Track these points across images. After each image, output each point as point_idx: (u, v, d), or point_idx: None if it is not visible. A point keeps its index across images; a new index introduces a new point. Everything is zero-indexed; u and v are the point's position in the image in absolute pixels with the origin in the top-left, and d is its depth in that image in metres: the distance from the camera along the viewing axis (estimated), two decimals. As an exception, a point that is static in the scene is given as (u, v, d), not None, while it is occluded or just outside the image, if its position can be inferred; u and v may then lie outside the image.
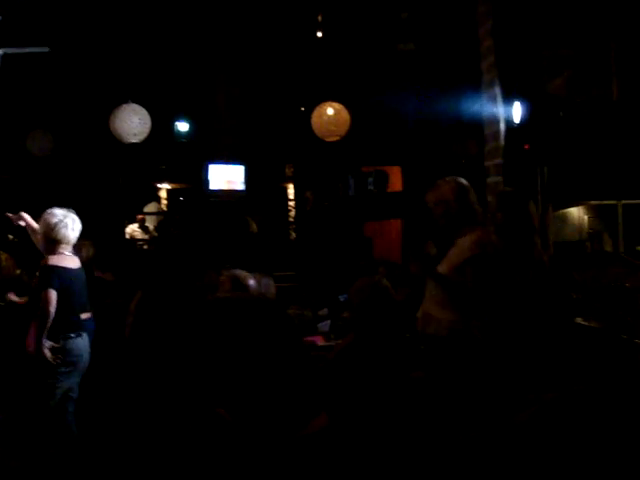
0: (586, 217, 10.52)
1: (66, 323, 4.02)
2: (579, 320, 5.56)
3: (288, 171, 11.00)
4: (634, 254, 8.33)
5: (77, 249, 4.35)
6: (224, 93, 9.57)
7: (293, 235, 10.34)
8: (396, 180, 9.52)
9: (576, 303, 5.82)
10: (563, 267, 6.39)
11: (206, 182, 9.04)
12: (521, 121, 5.50)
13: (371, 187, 8.86)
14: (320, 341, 5.00)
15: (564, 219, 10.09)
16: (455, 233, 3.62)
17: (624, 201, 8.65)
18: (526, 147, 5.62)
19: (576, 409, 3.41)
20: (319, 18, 8.33)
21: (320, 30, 8.39)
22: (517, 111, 5.60)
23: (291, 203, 10.84)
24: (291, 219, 10.65)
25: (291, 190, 11.14)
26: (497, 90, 5.72)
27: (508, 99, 5.51)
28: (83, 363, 4.14)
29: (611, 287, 6.30)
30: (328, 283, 6.45)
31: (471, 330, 3.44)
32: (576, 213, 10.55)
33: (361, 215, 8.95)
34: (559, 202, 8.49)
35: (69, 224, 4.10)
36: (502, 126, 5.56)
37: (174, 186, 12.47)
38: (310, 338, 4.98)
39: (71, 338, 4.04)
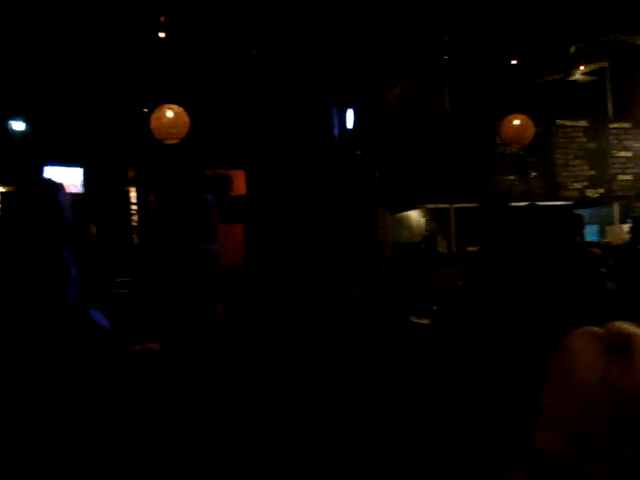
0: (423, 220, 11.06)
1: None
2: (413, 318, 5.82)
3: (130, 174, 10.71)
4: (465, 254, 8.85)
5: None
6: (62, 92, 9.19)
7: (136, 240, 10.08)
8: (241, 184, 9.54)
9: (409, 302, 6.09)
10: (398, 268, 6.69)
11: (42, 185, 8.65)
12: (354, 127, 5.69)
13: (212, 190, 8.82)
14: (158, 347, 4.95)
15: (403, 222, 10.56)
16: None
17: (456, 205, 9.20)
18: (358, 152, 5.82)
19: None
20: (162, 19, 8.21)
21: (162, 31, 8.27)
22: (350, 117, 5.79)
23: (134, 207, 10.56)
24: (134, 223, 10.37)
25: (134, 193, 10.85)
26: (332, 97, 5.90)
27: (342, 106, 5.70)
28: None
29: (443, 286, 6.65)
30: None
31: None
32: (415, 216, 11.06)
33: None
34: (397, 206, 8.89)
35: None
36: (336, 131, 5.73)
37: (8, 189, 11.79)
38: (149, 345, 4.92)
39: None
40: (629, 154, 10.56)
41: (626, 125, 10.66)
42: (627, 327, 1.09)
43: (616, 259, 8.01)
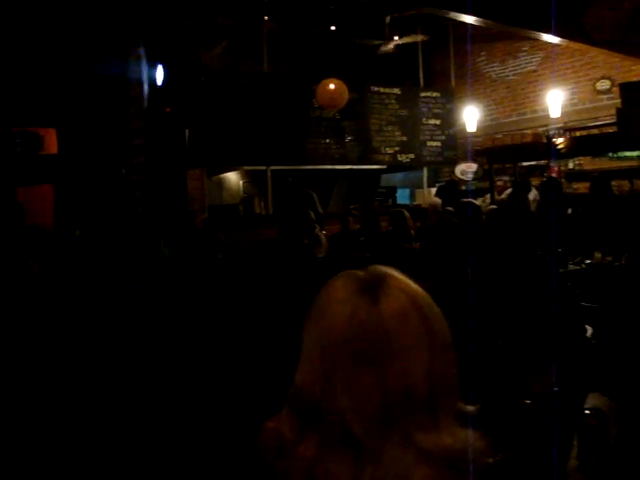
0: (241, 182, 11.08)
1: None
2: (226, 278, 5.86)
3: None
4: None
5: None
6: None
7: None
8: (52, 143, 9.04)
9: (222, 263, 6.13)
10: (210, 230, 6.69)
11: None
12: (163, 84, 5.57)
13: (20, 149, 8.27)
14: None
15: (222, 184, 10.53)
16: None
17: (273, 167, 9.27)
18: (167, 110, 5.71)
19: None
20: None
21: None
22: (160, 74, 5.66)
23: None
24: None
25: None
26: (141, 52, 5.72)
27: (153, 62, 5.54)
28: None
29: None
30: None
31: None
32: (233, 178, 11.05)
33: (11, 179, 8.33)
34: (212, 167, 8.81)
35: None
36: (146, 88, 5.58)
37: None
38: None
39: None
40: (437, 122, 11.16)
41: (435, 94, 11.25)
42: (384, 268, 1.11)
43: (423, 221, 8.50)
